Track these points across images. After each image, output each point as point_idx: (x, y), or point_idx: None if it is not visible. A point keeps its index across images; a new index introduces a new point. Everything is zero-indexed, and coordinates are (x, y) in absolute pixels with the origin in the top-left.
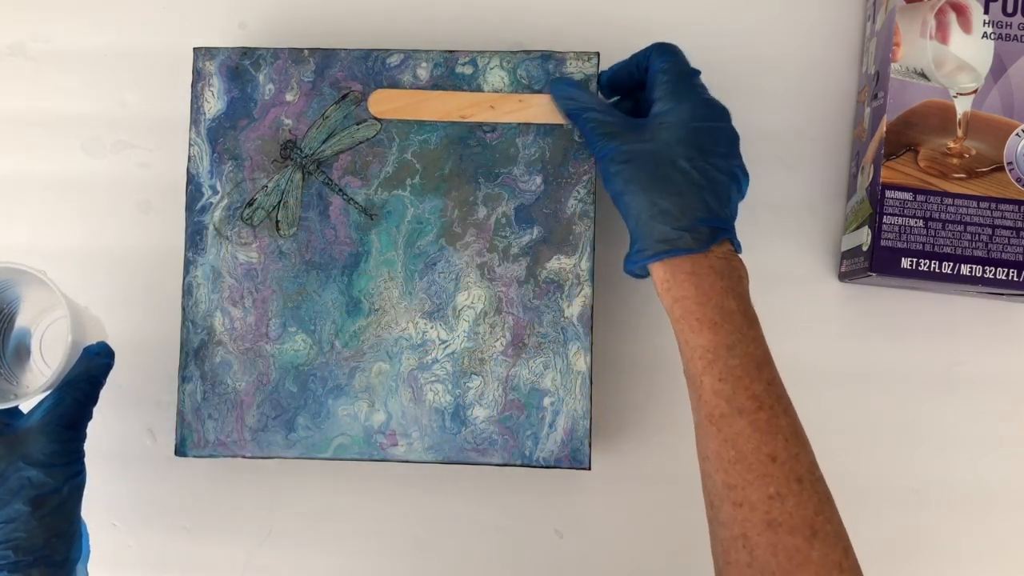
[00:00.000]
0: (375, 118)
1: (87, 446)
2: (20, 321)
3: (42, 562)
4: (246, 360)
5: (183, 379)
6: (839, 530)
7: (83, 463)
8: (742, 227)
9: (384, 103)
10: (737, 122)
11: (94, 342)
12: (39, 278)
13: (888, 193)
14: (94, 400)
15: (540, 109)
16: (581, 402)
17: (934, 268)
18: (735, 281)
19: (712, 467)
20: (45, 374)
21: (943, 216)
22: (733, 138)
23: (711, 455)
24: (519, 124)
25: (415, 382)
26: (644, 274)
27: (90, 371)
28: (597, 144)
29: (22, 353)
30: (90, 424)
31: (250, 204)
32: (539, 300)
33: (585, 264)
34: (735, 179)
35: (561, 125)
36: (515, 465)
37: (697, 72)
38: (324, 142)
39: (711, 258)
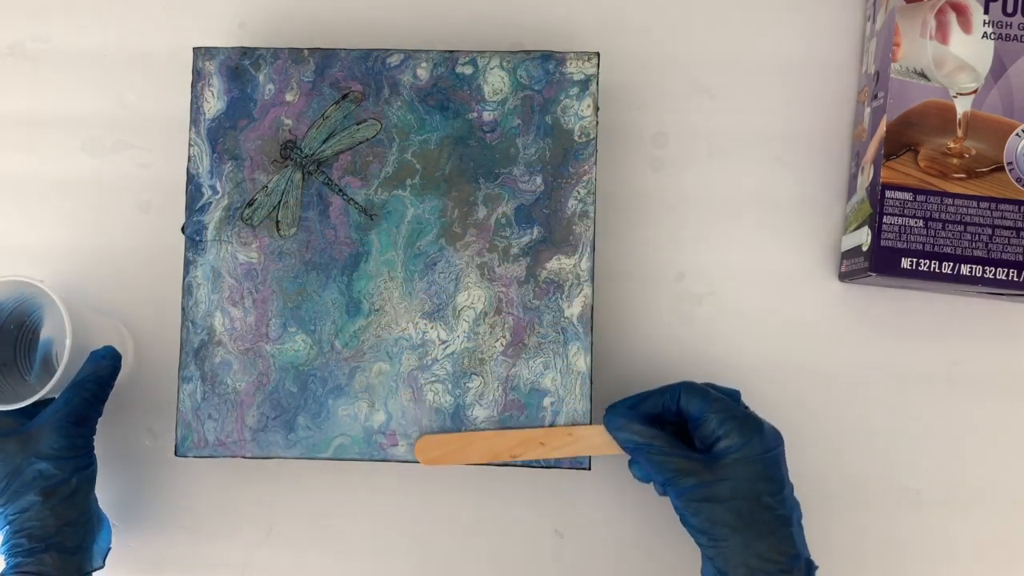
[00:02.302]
0: (420, 461)
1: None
2: (45, 332)
3: (54, 548)
4: (246, 360)
5: (183, 379)
6: None
7: (93, 456)
8: (742, 227)
9: (432, 450)
10: (737, 122)
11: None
12: (43, 289)
13: (888, 193)
14: (102, 399)
15: (592, 441)
16: (581, 402)
17: (934, 268)
18: None
19: None
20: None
21: (943, 216)
22: (785, 462)
23: None
24: (519, 124)
25: (415, 382)
26: None
27: (97, 373)
28: (671, 481)
29: (49, 364)
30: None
31: (250, 204)
32: (539, 300)
33: (585, 264)
34: (798, 504)
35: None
36: (515, 465)
37: (738, 393)
38: (324, 142)
39: None
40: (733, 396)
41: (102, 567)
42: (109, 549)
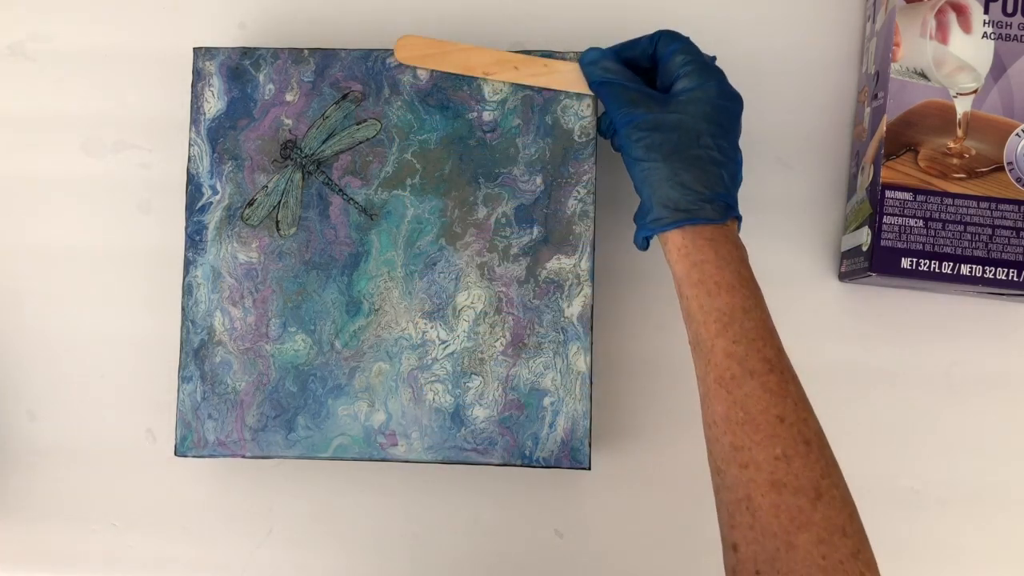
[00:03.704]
0: (400, 63)
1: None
2: None
3: None
4: (246, 360)
5: (183, 379)
6: (845, 495)
7: None
8: (742, 227)
9: (410, 49)
10: None
11: None
12: None
13: (888, 193)
14: None
15: (565, 76)
16: (581, 402)
17: (934, 268)
18: (745, 253)
19: (719, 431)
20: None
21: (943, 216)
22: (740, 125)
23: (718, 419)
24: (519, 124)
25: (415, 382)
26: (646, 246)
27: None
28: (622, 110)
29: None
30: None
31: (250, 204)
32: (539, 300)
33: (585, 264)
34: (740, 163)
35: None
36: (515, 465)
37: (714, 57)
38: (324, 142)
39: (727, 230)
40: (710, 57)
41: None
42: None
